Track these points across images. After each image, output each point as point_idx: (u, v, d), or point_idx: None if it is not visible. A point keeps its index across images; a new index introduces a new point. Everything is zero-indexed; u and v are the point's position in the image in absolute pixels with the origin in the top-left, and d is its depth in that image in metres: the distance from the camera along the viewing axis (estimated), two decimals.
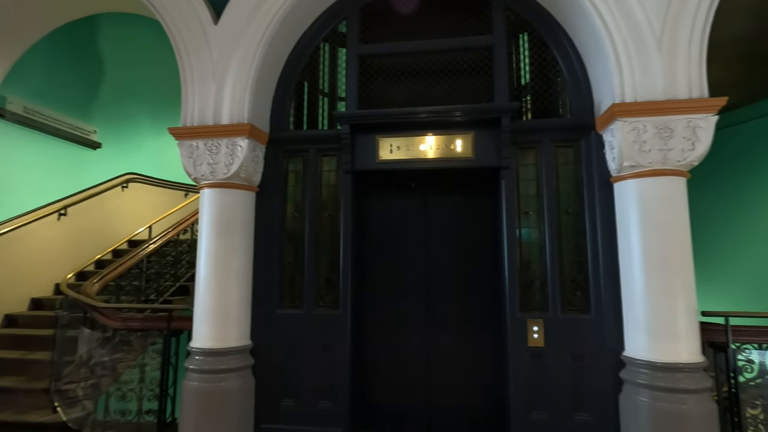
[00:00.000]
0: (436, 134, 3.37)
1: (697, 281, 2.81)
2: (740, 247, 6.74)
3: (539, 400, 3.06)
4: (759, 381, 3.01)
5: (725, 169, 6.88)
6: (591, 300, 3.08)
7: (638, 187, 2.85)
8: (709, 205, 7.01)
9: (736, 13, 5.61)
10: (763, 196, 6.40)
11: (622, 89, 2.86)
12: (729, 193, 6.89)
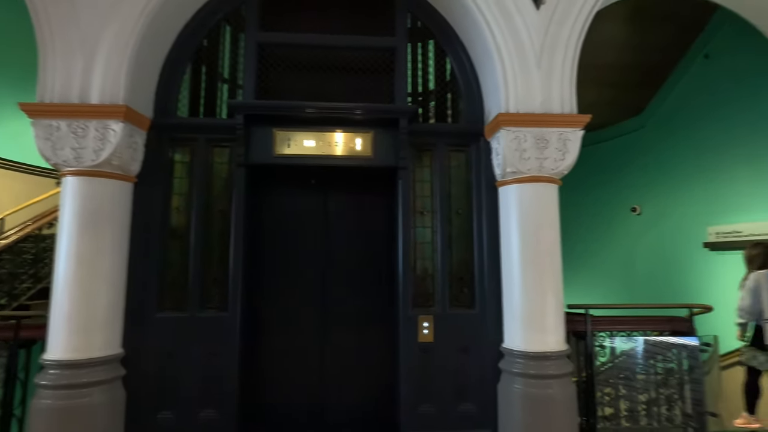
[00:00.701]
0: (336, 131, 3.32)
1: (569, 277, 3.17)
2: (603, 248, 7.76)
3: (428, 393, 3.18)
4: (610, 364, 3.49)
5: (594, 180, 7.87)
6: (476, 296, 3.28)
7: (518, 191, 3.10)
8: (581, 210, 7.98)
9: (606, 45, 6.47)
10: (620, 206, 7.43)
11: (507, 100, 3.08)
12: (596, 202, 7.90)
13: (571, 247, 8.08)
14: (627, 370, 3.54)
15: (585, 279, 7.77)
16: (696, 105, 5.93)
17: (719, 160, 5.48)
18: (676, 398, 3.50)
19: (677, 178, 6.22)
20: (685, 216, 6.06)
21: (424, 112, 3.67)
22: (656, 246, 6.65)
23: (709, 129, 5.66)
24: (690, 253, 5.93)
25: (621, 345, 3.58)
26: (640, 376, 3.56)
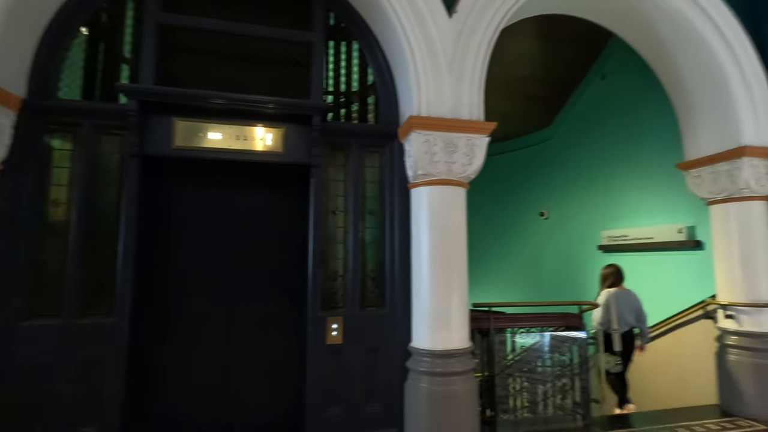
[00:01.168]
0: (245, 124, 3.15)
1: (485, 276, 3.32)
2: (515, 249, 8.29)
3: (336, 396, 3.13)
4: (514, 359, 3.70)
5: (508, 186, 8.39)
6: (387, 296, 3.30)
7: (429, 193, 3.17)
8: (497, 214, 8.46)
9: (520, 60, 6.91)
10: (530, 210, 7.99)
11: (419, 104, 3.14)
12: (509, 206, 8.41)
13: (485, 248, 8.58)
14: (529, 364, 3.78)
15: (500, 278, 8.26)
16: (593, 120, 6.56)
17: (611, 171, 6.11)
18: (568, 388, 3.81)
19: (578, 187, 6.83)
20: (583, 221, 6.67)
21: (347, 112, 3.63)
22: (560, 248, 7.25)
23: (603, 142, 6.29)
24: (587, 254, 6.54)
25: (522, 341, 3.82)
26: (541, 369, 3.83)
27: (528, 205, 8.03)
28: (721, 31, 3.87)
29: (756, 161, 3.81)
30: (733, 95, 3.86)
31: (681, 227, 4.93)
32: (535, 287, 7.72)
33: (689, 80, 4.15)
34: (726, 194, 3.97)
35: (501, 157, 8.55)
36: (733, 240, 3.93)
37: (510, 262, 8.35)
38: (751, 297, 3.81)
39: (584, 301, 3.75)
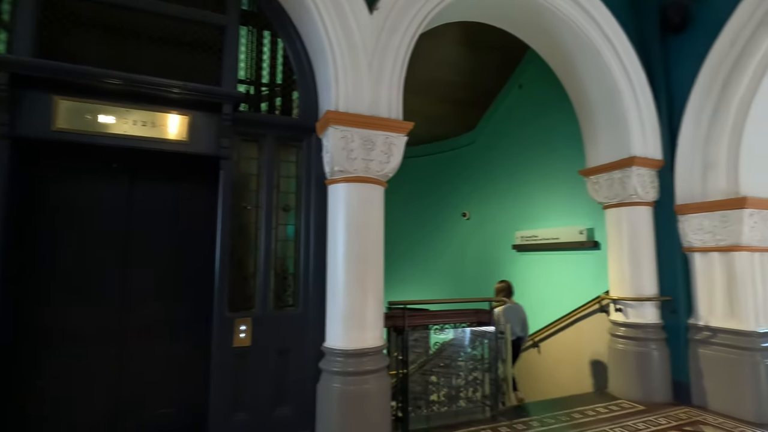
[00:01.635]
0: (145, 109, 2.87)
1: (409, 275, 3.33)
2: (440, 248, 8.55)
3: (243, 401, 2.97)
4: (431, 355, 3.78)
5: (433, 186, 8.63)
6: (300, 295, 3.20)
7: (346, 190, 3.12)
8: (423, 214, 8.67)
9: (448, 65, 7.14)
10: (454, 211, 8.29)
11: (337, 98, 3.07)
12: (434, 206, 8.66)
13: (412, 247, 8.77)
14: (445, 359, 3.90)
15: (426, 276, 8.48)
16: (511, 127, 6.96)
17: (526, 175, 6.53)
18: (480, 381, 3.98)
19: (497, 189, 7.22)
20: (500, 222, 7.06)
21: (271, 105, 3.46)
22: (480, 247, 7.60)
23: (519, 148, 6.71)
24: (503, 253, 6.93)
25: (441, 337, 3.93)
26: (457, 364, 3.96)
27: (452, 206, 8.33)
28: (619, 57, 4.28)
29: (642, 170, 4.26)
30: (627, 112, 4.28)
31: (582, 229, 5.38)
32: (457, 285, 8.02)
33: (592, 96, 4.53)
34: (618, 199, 4.39)
35: (429, 158, 8.79)
36: (624, 241, 4.37)
37: (435, 260, 8.60)
38: (637, 292, 4.25)
39: (494, 298, 3.94)
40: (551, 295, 5.93)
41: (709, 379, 3.90)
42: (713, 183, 3.95)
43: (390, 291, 7.38)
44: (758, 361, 3.63)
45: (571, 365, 5.41)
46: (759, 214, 3.81)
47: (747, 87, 3.74)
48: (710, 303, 3.99)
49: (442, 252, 8.40)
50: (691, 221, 4.09)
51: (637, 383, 4.13)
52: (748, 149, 3.82)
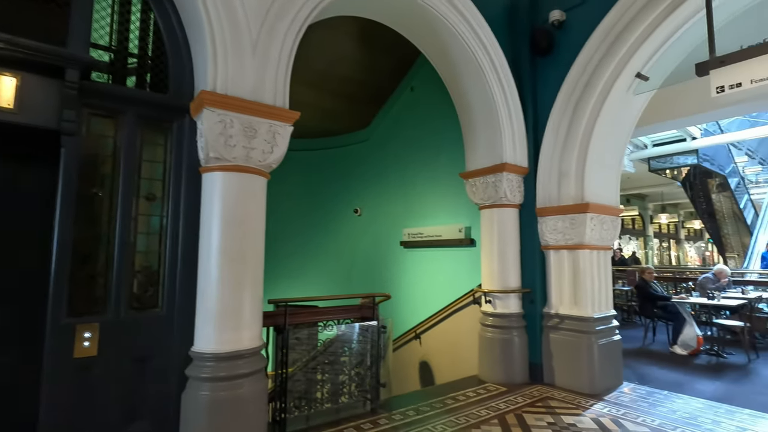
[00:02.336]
0: None
1: (301, 272, 3.15)
2: (332, 245, 8.50)
3: (87, 418, 2.54)
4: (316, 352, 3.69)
5: (328, 182, 8.55)
6: (164, 295, 2.86)
7: (224, 180, 2.86)
8: (316, 210, 8.53)
9: (346, 60, 7.09)
10: (347, 207, 8.32)
11: (214, 78, 2.80)
12: (328, 202, 8.59)
13: (303, 243, 8.57)
14: (331, 356, 3.85)
15: (319, 273, 8.35)
16: (402, 128, 7.21)
17: (414, 175, 6.82)
18: (363, 376, 4.01)
19: (387, 187, 7.42)
20: (390, 219, 7.27)
21: (140, 80, 2.99)
22: (371, 244, 7.74)
23: (409, 148, 6.98)
24: (392, 250, 7.15)
25: (329, 333, 3.86)
26: (342, 360, 3.94)
27: (346, 203, 8.33)
28: (497, 72, 4.68)
29: (511, 176, 4.73)
30: (501, 123, 4.70)
31: (461, 227, 5.81)
32: (348, 281, 8.05)
33: (473, 105, 4.89)
34: (491, 201, 4.82)
35: (323, 153, 8.67)
36: (494, 239, 4.81)
37: (329, 257, 8.53)
38: (504, 285, 4.72)
39: (378, 293, 4.01)
40: (434, 289, 6.28)
41: (557, 359, 4.51)
42: (566, 190, 4.56)
43: (281, 289, 7.13)
44: (593, 342, 4.29)
45: (448, 354, 5.81)
46: (597, 218, 4.51)
47: (592, 109, 4.38)
48: (560, 293, 4.61)
49: (336, 248, 8.36)
50: (548, 222, 4.67)
51: (501, 367, 4.58)
52: (592, 162, 4.48)
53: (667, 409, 3.84)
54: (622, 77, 4.19)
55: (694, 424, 3.50)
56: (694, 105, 6.20)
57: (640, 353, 6.22)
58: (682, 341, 6.17)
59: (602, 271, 4.63)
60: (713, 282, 7.09)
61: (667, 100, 6.08)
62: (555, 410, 3.79)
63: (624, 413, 3.73)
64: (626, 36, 4.06)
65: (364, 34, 6.60)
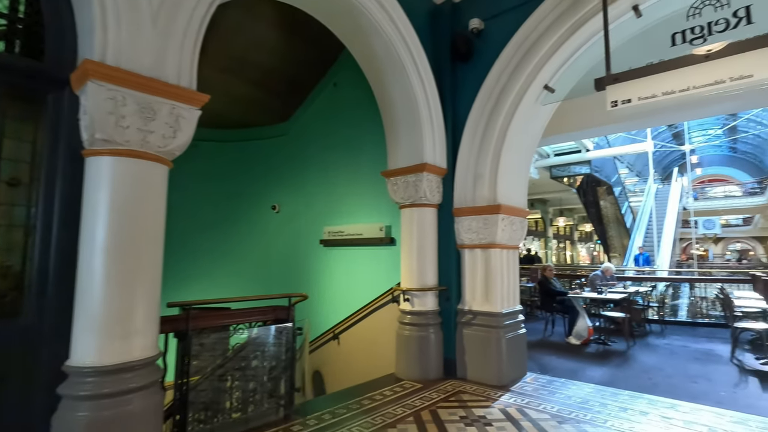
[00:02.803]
0: None
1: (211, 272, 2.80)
2: (247, 243, 8.03)
3: None
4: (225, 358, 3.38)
5: (244, 176, 8.07)
6: (32, 300, 2.39)
7: (113, 166, 2.48)
8: (230, 206, 8.00)
9: (266, 47, 6.72)
10: (263, 203, 7.93)
11: (103, 47, 2.41)
12: (244, 197, 8.11)
13: (217, 240, 7.98)
14: (242, 361, 3.57)
15: (233, 273, 7.81)
16: (324, 123, 7.04)
17: (335, 172, 6.69)
18: (276, 380, 3.79)
19: (307, 183, 7.18)
20: (310, 216, 7.05)
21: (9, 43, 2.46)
22: (289, 242, 7.43)
23: (331, 145, 6.83)
24: (312, 248, 6.93)
25: (235, 338, 3.57)
26: (253, 365, 3.67)
27: (264, 198, 7.92)
28: (420, 74, 4.75)
29: (431, 176, 4.82)
30: (423, 124, 4.78)
31: (382, 226, 5.81)
32: (264, 281, 7.65)
33: (396, 104, 4.90)
34: (412, 200, 4.87)
35: (240, 144, 8.15)
36: (414, 238, 4.86)
37: (244, 255, 8.04)
38: (422, 283, 4.79)
39: (295, 293, 3.81)
40: (354, 288, 6.21)
41: (469, 354, 4.69)
42: (480, 191, 4.76)
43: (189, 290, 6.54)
44: (501, 336, 4.53)
45: (366, 353, 5.77)
46: (508, 219, 4.78)
47: (505, 116, 4.63)
48: (473, 291, 4.80)
49: (252, 246, 7.89)
50: (464, 222, 4.84)
51: (417, 364, 4.65)
52: (505, 166, 4.74)
53: (564, 395, 4.18)
54: (533, 88, 4.48)
55: (586, 407, 3.85)
56: (590, 120, 6.90)
57: (541, 344, 6.76)
58: (575, 332, 6.82)
59: (511, 269, 4.91)
60: (601, 279, 7.97)
61: (567, 113, 6.68)
62: (467, 404, 3.92)
63: (528, 402, 3.98)
64: (537, 49, 4.35)
65: (286, 22, 6.32)
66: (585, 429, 3.38)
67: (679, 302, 9.73)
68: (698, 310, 9.04)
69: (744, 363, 5.52)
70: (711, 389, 4.50)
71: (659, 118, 7.42)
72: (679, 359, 5.79)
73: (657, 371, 5.21)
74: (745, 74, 2.68)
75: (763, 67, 2.64)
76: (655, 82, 3.07)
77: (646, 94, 3.09)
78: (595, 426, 3.44)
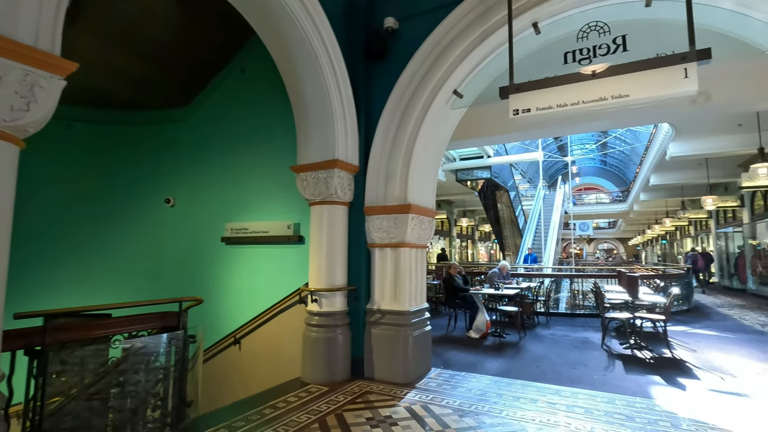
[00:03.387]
0: None
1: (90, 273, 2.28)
2: (134, 241, 7.13)
3: None
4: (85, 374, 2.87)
5: (130, 163, 7.16)
6: None
7: None
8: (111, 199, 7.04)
9: (165, 23, 5.99)
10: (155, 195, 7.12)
11: None
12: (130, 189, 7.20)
13: (97, 238, 6.94)
14: (121, 376, 3.08)
15: (113, 276, 6.83)
16: (229, 112, 6.51)
17: (241, 165, 6.22)
18: (163, 396, 3.35)
19: (208, 176, 6.58)
20: (210, 212, 6.47)
21: None
22: (186, 239, 6.75)
23: (236, 135, 6.34)
24: (212, 246, 6.37)
25: (114, 351, 3.07)
26: (138, 378, 3.19)
27: (158, 190, 7.08)
28: (334, 68, 4.60)
29: (342, 173, 4.70)
30: (335, 119, 4.64)
31: (290, 223, 5.54)
32: (154, 283, 6.85)
33: (308, 97, 4.69)
34: (322, 197, 4.70)
35: (129, 128, 7.19)
36: (324, 236, 4.70)
37: (131, 255, 7.10)
38: (331, 283, 4.65)
39: (187, 297, 3.41)
40: (259, 290, 5.83)
41: (377, 353, 4.67)
42: (392, 191, 4.77)
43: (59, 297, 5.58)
44: (408, 334, 4.59)
45: (271, 358, 5.45)
46: (417, 218, 4.86)
47: (417, 117, 4.69)
48: (382, 289, 4.79)
49: (141, 245, 7.00)
50: (375, 221, 4.81)
51: (324, 367, 4.50)
52: (415, 167, 4.81)
53: (465, 388, 4.37)
54: (443, 91, 4.60)
55: (484, 399, 4.05)
56: (493, 128, 7.38)
57: (444, 340, 7.05)
58: (475, 326, 7.24)
59: (419, 268, 5.01)
60: (498, 276, 8.59)
61: (473, 120, 7.06)
62: (373, 404, 3.88)
63: (432, 398, 4.07)
64: (448, 54, 4.48)
65: (194, 5, 5.71)
66: (483, 420, 3.54)
67: (561, 296, 10.93)
68: (576, 303, 10.23)
69: (611, 348, 6.34)
70: (587, 374, 5.06)
71: (551, 130, 8.22)
72: (562, 348, 6.45)
73: (544, 360, 5.73)
74: (624, 93, 3.02)
75: (637, 88, 2.98)
76: (551, 95, 3.31)
77: (544, 105, 3.32)
78: (491, 417, 3.62)
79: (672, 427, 3.40)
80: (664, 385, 4.59)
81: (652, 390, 4.44)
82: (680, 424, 3.46)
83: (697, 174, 14.00)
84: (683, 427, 3.39)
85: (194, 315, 3.92)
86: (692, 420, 3.54)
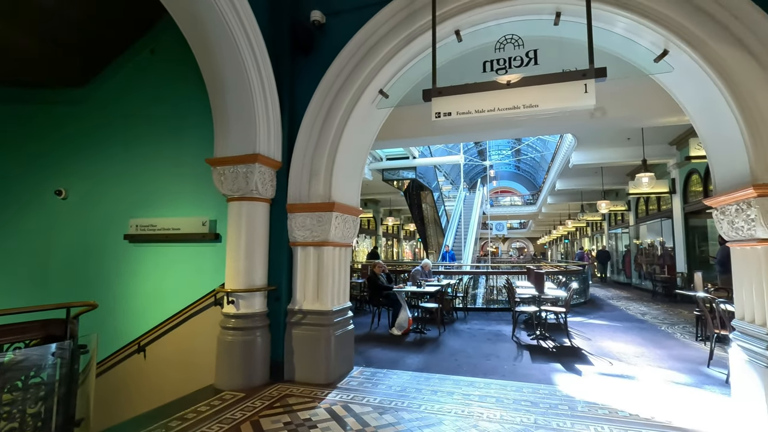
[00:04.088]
0: None
1: None
2: (13, 237, 6.21)
3: None
4: None
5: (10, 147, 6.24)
6: None
7: None
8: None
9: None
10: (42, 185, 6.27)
11: None
12: (10, 174, 6.28)
13: None
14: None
15: None
16: (135, 97, 5.89)
17: (147, 156, 5.66)
18: (47, 415, 2.92)
19: (108, 166, 5.90)
20: (112, 206, 5.80)
21: None
22: (80, 236, 5.98)
23: (142, 123, 5.76)
24: (113, 244, 5.72)
25: None
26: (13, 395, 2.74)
27: (47, 180, 6.19)
28: (256, 58, 4.38)
29: (264, 168, 4.50)
30: (257, 112, 4.42)
31: (205, 220, 5.17)
32: (37, 286, 6.00)
33: (227, 85, 4.40)
34: (241, 193, 4.45)
35: (9, 107, 6.19)
36: (242, 234, 4.46)
37: (15, 253, 6.14)
38: (249, 283, 4.43)
39: (79, 302, 3.01)
40: (168, 292, 5.36)
41: (298, 355, 4.54)
42: (315, 188, 4.66)
43: None
44: (330, 334, 4.52)
45: (182, 364, 5.05)
46: (341, 217, 4.81)
47: (342, 115, 4.64)
48: (304, 289, 4.67)
49: (22, 242, 6.06)
50: (298, 219, 4.67)
51: (240, 372, 4.28)
52: (340, 165, 4.75)
53: (386, 386, 4.42)
54: (369, 90, 4.60)
55: (404, 395, 4.13)
56: (418, 130, 7.57)
57: (368, 338, 7.09)
58: (398, 323, 7.38)
59: (343, 267, 4.97)
60: (421, 273, 8.85)
61: (400, 121, 7.18)
62: (293, 408, 3.77)
63: (353, 397, 4.05)
64: (374, 53, 4.49)
65: None
66: (402, 416, 3.60)
67: (478, 291, 11.58)
68: (492, 298, 10.91)
69: (521, 340, 6.85)
70: (499, 364, 5.40)
71: (472, 135, 8.66)
72: (478, 341, 6.83)
73: (461, 353, 6.01)
74: (534, 104, 3.25)
75: (545, 99, 3.23)
76: (470, 100, 3.46)
77: (463, 109, 3.46)
78: (410, 412, 3.70)
79: (569, 409, 3.75)
80: (564, 372, 5.05)
81: (554, 377, 4.87)
82: (576, 406, 3.83)
83: (594, 181, 15.72)
84: (579, 409, 3.75)
85: (89, 322, 3.51)
86: (586, 402, 3.94)
